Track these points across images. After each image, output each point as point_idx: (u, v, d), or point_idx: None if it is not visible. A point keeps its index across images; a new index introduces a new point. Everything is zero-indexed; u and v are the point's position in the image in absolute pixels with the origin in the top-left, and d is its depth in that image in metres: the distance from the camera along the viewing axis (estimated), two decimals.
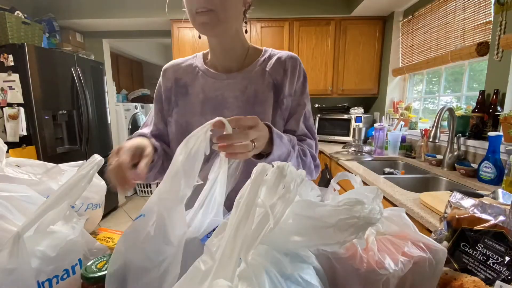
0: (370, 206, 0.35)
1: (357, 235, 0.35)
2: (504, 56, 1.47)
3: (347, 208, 0.35)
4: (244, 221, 0.30)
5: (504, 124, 1.36)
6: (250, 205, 0.30)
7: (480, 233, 0.44)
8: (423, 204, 1.07)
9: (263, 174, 0.33)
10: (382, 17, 2.77)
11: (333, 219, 0.34)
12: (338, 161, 2.05)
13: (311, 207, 0.36)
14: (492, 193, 0.95)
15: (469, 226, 0.45)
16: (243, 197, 0.31)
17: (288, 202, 0.32)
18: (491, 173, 1.29)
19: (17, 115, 2.16)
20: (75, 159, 0.82)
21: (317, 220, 0.35)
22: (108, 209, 3.22)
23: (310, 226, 0.35)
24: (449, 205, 0.50)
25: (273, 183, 0.33)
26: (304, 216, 0.35)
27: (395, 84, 2.75)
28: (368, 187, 0.42)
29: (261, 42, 2.80)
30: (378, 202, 0.38)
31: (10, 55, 2.14)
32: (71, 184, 0.46)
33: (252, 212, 0.30)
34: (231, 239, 0.29)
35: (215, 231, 0.37)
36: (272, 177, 0.33)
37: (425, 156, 1.82)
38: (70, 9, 2.85)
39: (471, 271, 0.43)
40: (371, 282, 0.38)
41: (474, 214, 0.46)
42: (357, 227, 0.34)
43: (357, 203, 0.35)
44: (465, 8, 1.81)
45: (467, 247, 0.45)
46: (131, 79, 4.70)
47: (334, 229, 0.34)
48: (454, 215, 0.48)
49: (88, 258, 0.51)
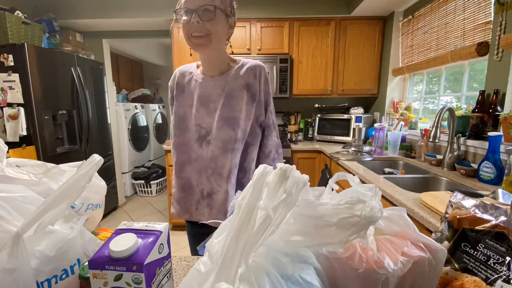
0: (371, 204, 0.35)
1: (359, 234, 0.35)
2: (504, 56, 1.47)
3: (349, 207, 0.35)
4: (246, 224, 0.30)
5: (504, 124, 1.36)
6: (252, 207, 0.30)
7: (481, 233, 0.44)
8: (423, 204, 1.07)
9: (264, 176, 0.33)
10: (382, 17, 2.77)
11: (334, 218, 0.34)
12: (338, 161, 2.05)
13: (312, 206, 0.36)
14: (492, 193, 0.95)
15: (470, 226, 0.45)
16: (245, 199, 0.31)
17: (289, 205, 0.32)
18: (491, 173, 1.29)
19: (17, 115, 2.16)
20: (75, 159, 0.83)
21: (318, 219, 0.35)
22: (108, 209, 3.22)
23: (312, 225, 0.35)
24: (450, 205, 0.50)
25: (275, 186, 0.33)
26: (306, 216, 0.35)
27: (395, 84, 2.75)
28: (366, 185, 0.42)
29: (261, 42, 2.80)
30: (377, 200, 0.38)
31: (10, 55, 2.14)
32: (71, 184, 0.46)
33: (254, 215, 0.30)
34: (232, 241, 0.29)
35: (216, 232, 0.37)
36: (274, 179, 0.33)
37: (425, 156, 1.82)
38: (70, 9, 2.85)
39: (472, 271, 0.43)
40: (370, 282, 0.38)
41: (475, 215, 0.46)
42: (359, 225, 0.34)
43: (359, 202, 0.35)
44: (465, 8, 1.81)
45: (468, 247, 0.44)
46: (131, 79, 4.70)
47: (336, 228, 0.34)
48: (456, 215, 0.48)
49: (89, 257, 0.51)
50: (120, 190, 3.53)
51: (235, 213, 0.31)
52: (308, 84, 2.87)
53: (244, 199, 0.31)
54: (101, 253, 0.40)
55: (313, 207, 0.36)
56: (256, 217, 0.31)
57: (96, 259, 0.39)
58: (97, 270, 0.39)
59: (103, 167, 3.19)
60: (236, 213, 0.31)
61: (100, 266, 0.39)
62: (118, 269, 0.39)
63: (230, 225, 0.31)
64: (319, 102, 3.15)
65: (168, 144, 2.71)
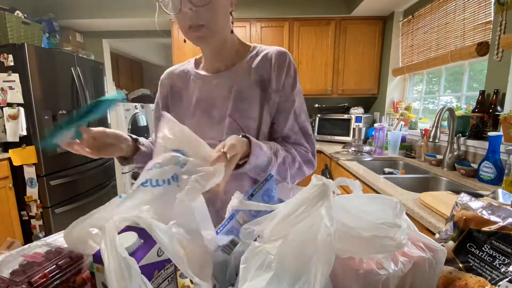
0: (405, 231, 0.36)
1: (383, 255, 0.35)
2: (504, 56, 1.47)
3: (385, 228, 0.35)
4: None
5: (504, 124, 1.36)
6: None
7: (488, 234, 0.44)
8: (423, 204, 1.07)
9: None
10: (382, 17, 2.77)
11: (368, 232, 0.35)
12: (338, 161, 2.05)
13: (349, 215, 0.36)
14: (492, 193, 0.95)
15: (477, 227, 0.45)
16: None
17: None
18: (491, 173, 1.29)
19: (17, 115, 2.16)
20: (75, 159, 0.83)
21: (351, 228, 0.35)
22: None
23: (342, 232, 0.35)
24: (457, 206, 0.50)
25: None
26: (339, 222, 0.36)
27: (395, 84, 2.75)
28: (389, 200, 0.41)
29: (261, 42, 2.79)
30: (404, 219, 0.39)
31: (10, 55, 2.14)
32: None
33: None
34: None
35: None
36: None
37: (425, 156, 1.82)
38: (70, 9, 2.85)
39: (476, 271, 0.43)
40: (370, 282, 0.38)
41: (482, 216, 0.46)
42: (389, 248, 0.35)
43: (395, 226, 0.36)
44: (465, 8, 1.81)
45: (474, 248, 0.44)
46: (131, 79, 4.70)
47: (366, 242, 0.35)
48: (462, 216, 0.48)
49: None
50: (120, 190, 3.54)
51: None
52: (308, 84, 2.86)
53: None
54: None
55: (349, 216, 0.36)
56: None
57: (99, 254, 0.40)
58: (100, 265, 0.40)
59: (103, 167, 3.20)
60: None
61: (102, 261, 0.39)
62: None
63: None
64: (319, 102, 3.15)
65: None
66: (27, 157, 2.22)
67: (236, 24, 0.75)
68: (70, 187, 2.58)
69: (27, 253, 0.47)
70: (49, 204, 2.36)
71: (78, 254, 0.47)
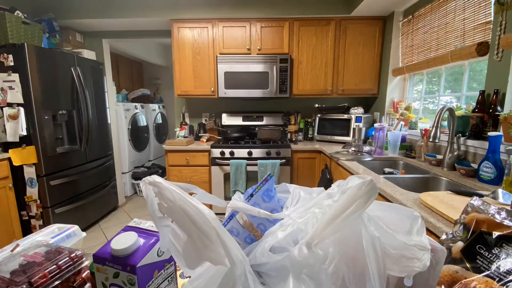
0: (430, 255, 0.36)
1: (405, 275, 0.36)
2: (504, 56, 1.47)
3: (415, 250, 0.36)
4: None
5: (504, 124, 1.36)
6: None
7: (499, 237, 0.44)
8: (423, 204, 1.07)
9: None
10: (382, 17, 2.77)
11: (397, 251, 0.35)
12: (338, 161, 2.05)
13: (378, 226, 0.37)
14: (492, 193, 0.95)
15: (488, 230, 0.46)
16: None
17: None
18: (491, 173, 1.29)
19: (17, 115, 2.16)
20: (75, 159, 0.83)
21: (381, 243, 0.35)
22: (108, 209, 3.22)
23: (366, 241, 0.35)
24: (468, 208, 0.50)
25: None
26: (367, 232, 0.36)
27: (395, 84, 2.75)
28: (409, 212, 0.41)
29: (261, 42, 2.80)
30: (424, 236, 0.39)
31: (10, 55, 2.14)
32: None
33: None
34: None
35: None
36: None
37: (425, 156, 1.82)
38: (70, 9, 2.85)
39: (484, 272, 0.43)
40: None
41: (495, 219, 0.46)
42: (412, 268, 0.35)
43: (424, 249, 0.36)
44: (465, 8, 1.81)
45: (483, 249, 0.45)
46: (131, 79, 4.70)
47: (392, 260, 0.35)
48: (473, 218, 0.48)
49: None
50: (120, 190, 3.54)
51: None
52: (308, 84, 2.87)
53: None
54: (105, 249, 0.41)
55: (381, 231, 0.36)
56: None
57: (99, 254, 0.40)
58: (100, 265, 0.40)
59: (103, 167, 3.20)
60: None
61: (101, 262, 0.40)
62: (116, 267, 0.39)
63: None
64: (319, 102, 3.15)
65: (168, 144, 2.71)
66: (27, 157, 2.22)
67: (236, 24, 0.74)
68: (70, 187, 2.58)
69: (27, 253, 0.47)
70: (49, 204, 2.36)
71: (78, 254, 0.47)
